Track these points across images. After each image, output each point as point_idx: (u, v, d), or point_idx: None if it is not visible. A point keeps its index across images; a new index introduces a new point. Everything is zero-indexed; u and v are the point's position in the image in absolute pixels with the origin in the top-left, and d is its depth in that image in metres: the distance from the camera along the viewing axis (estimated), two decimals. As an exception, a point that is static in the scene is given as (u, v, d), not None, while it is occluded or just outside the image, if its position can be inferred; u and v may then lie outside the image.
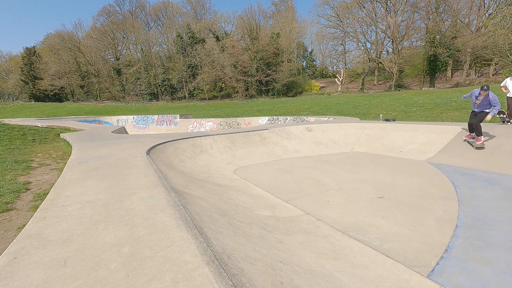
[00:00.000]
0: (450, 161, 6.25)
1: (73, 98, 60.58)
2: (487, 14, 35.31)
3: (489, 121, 6.96)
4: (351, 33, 45.76)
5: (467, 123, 6.95)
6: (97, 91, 59.08)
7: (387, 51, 44.71)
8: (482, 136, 6.33)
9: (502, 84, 8.45)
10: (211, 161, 6.97)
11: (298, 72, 48.64)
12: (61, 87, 57.83)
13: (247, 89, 45.52)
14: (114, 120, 26.54)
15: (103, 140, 7.55)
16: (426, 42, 37.87)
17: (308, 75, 51.19)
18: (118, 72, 56.37)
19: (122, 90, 56.37)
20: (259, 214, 3.42)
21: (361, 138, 9.02)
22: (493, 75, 34.88)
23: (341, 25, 46.81)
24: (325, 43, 54.94)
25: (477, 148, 6.36)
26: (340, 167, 6.30)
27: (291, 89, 45.70)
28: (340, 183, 5.03)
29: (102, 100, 58.15)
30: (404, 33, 39.48)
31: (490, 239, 2.79)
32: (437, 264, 2.38)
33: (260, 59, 43.78)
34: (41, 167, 4.95)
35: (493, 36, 30.66)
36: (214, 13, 61.82)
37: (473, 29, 35.71)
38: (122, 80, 56.44)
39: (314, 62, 56.75)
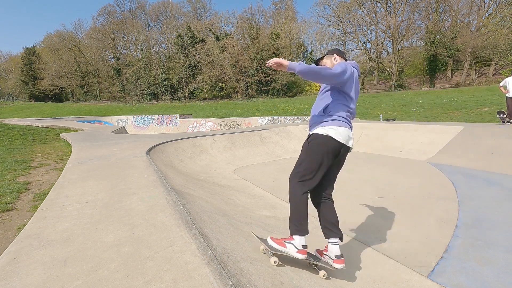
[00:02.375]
0: (450, 161, 6.25)
1: (73, 98, 60.57)
2: (487, 14, 35.30)
3: (490, 121, 6.26)
4: (351, 33, 45.80)
5: (467, 123, 6.65)
6: (97, 91, 59.07)
7: (387, 51, 44.78)
8: None
9: (501, 84, 8.45)
10: (211, 161, 6.97)
11: (298, 72, 48.57)
12: (61, 87, 57.84)
13: (247, 89, 45.54)
14: (114, 120, 26.55)
15: (103, 140, 7.54)
16: (426, 42, 37.87)
17: (308, 75, 51.11)
18: (118, 72, 56.36)
19: (122, 90, 56.37)
20: (259, 214, 3.42)
21: (361, 138, 9.02)
22: (493, 75, 34.87)
23: (341, 25, 46.82)
24: (325, 43, 54.90)
25: None
26: (340, 167, 6.28)
27: (291, 89, 45.71)
28: (340, 183, 5.01)
29: (102, 100, 58.14)
30: (404, 33, 39.50)
31: (490, 239, 2.79)
32: (437, 264, 2.38)
33: (260, 59, 43.78)
34: (41, 167, 4.95)
35: (493, 36, 30.65)
36: (214, 13, 61.92)
37: (473, 29, 35.71)
38: (122, 80, 56.43)
39: (314, 62, 56.70)
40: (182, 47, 50.53)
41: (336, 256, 1.88)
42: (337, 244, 1.91)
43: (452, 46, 35.36)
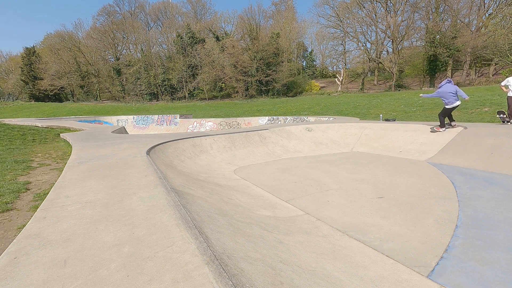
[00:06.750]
0: (450, 161, 6.25)
1: (73, 98, 60.54)
2: (487, 14, 35.28)
3: (490, 121, 6.79)
4: (351, 33, 45.76)
5: (467, 123, 6.87)
6: (97, 91, 59.06)
7: (387, 51, 44.72)
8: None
9: (503, 83, 8.40)
10: (211, 161, 6.97)
11: (298, 72, 48.66)
12: (61, 87, 57.77)
13: (247, 89, 45.52)
14: (114, 120, 26.56)
15: (103, 140, 7.54)
16: (426, 42, 37.85)
17: (308, 75, 51.14)
18: (118, 72, 56.34)
19: (122, 90, 56.34)
20: (259, 214, 3.42)
21: (361, 138, 9.02)
22: (493, 75, 34.86)
23: (341, 25, 46.79)
24: (325, 43, 54.96)
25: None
26: (340, 167, 6.29)
27: (291, 89, 45.69)
28: (340, 183, 5.03)
29: (102, 100, 58.14)
30: (404, 33, 39.49)
31: (490, 239, 2.79)
32: (437, 264, 2.38)
33: (260, 59, 43.76)
34: (41, 167, 4.95)
35: (493, 36, 30.65)
36: (214, 13, 61.89)
37: (473, 29, 35.68)
38: (122, 80, 56.40)
39: (314, 62, 56.68)
40: (182, 47, 50.50)
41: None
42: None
43: (452, 46, 35.32)
